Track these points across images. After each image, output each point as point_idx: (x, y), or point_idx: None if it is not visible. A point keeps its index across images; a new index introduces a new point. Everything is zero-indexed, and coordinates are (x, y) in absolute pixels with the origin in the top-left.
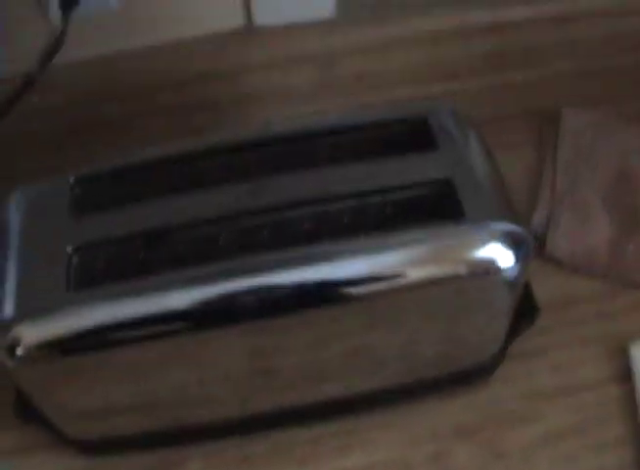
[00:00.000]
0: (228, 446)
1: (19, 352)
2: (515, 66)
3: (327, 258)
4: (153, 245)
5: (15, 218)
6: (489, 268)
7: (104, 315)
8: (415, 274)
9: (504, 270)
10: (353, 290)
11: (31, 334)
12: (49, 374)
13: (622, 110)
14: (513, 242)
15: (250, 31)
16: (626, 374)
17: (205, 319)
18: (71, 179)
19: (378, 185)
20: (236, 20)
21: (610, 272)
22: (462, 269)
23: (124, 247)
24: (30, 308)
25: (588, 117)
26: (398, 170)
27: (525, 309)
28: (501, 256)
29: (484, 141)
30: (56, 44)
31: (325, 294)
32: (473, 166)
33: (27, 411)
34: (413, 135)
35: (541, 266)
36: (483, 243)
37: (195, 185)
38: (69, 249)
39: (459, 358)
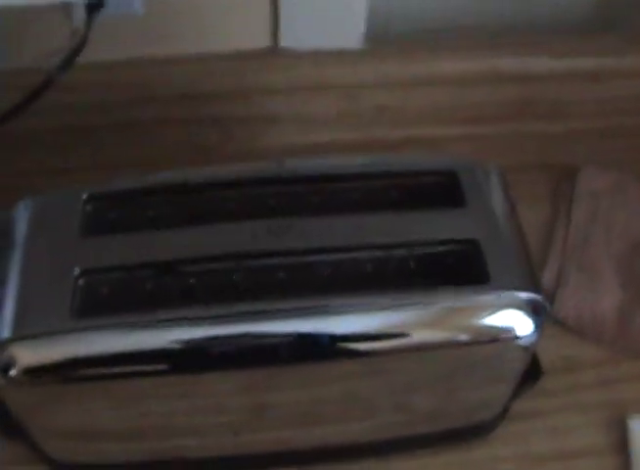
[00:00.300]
0: None
1: (12, 372)
2: (539, 117)
3: (341, 311)
4: (162, 277)
5: (20, 230)
6: (507, 336)
7: (104, 346)
8: (431, 335)
9: (521, 338)
10: (364, 347)
11: (27, 356)
12: (39, 397)
13: None
14: (533, 310)
15: (274, 53)
16: (623, 445)
17: (203, 360)
18: (84, 196)
19: (402, 239)
20: (262, 40)
21: (617, 341)
22: (480, 335)
23: (133, 275)
24: (29, 329)
25: (607, 178)
26: (424, 225)
27: (528, 371)
28: (520, 324)
29: (513, 202)
30: (79, 46)
31: (334, 349)
32: (500, 228)
33: (10, 426)
34: (442, 189)
35: (547, 326)
36: (505, 311)
37: (212, 217)
38: (77, 271)
39: (459, 416)
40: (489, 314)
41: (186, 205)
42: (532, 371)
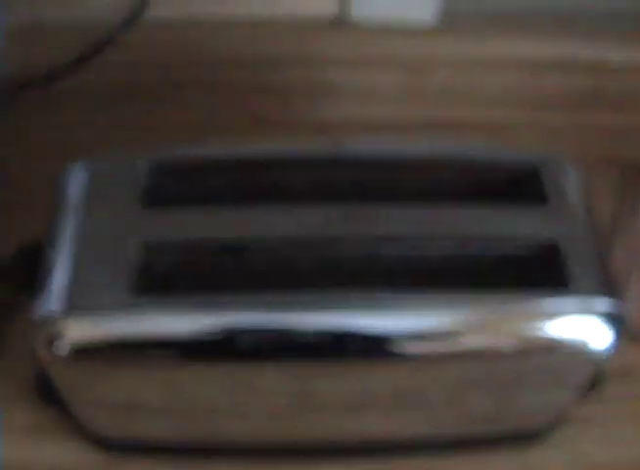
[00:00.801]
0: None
1: (57, 348)
2: (610, 109)
3: (405, 307)
4: (226, 256)
5: (74, 196)
6: (581, 347)
7: (159, 327)
8: (497, 340)
9: (595, 350)
10: (422, 347)
11: (75, 332)
12: (84, 374)
13: None
14: (611, 322)
15: (342, 23)
16: None
17: (259, 349)
18: (146, 162)
19: (475, 233)
20: (330, 8)
21: None
22: (551, 344)
23: (195, 253)
24: (80, 304)
25: None
26: (500, 220)
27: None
28: (597, 336)
29: (591, 205)
30: (143, 3)
31: (393, 347)
32: (580, 230)
33: (48, 393)
34: (522, 184)
35: None
36: (584, 321)
37: (281, 196)
38: (136, 243)
39: (513, 420)
40: (564, 322)
41: (251, 182)
42: (596, 377)
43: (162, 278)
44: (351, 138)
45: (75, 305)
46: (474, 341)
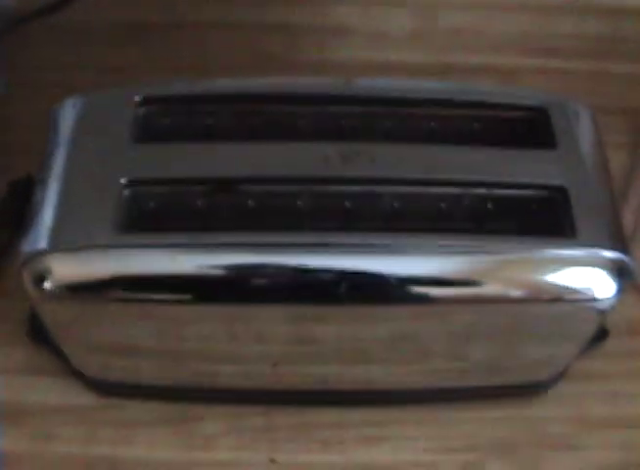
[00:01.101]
0: (253, 413)
1: (46, 285)
2: (626, 57)
3: (406, 251)
4: (217, 195)
5: (66, 129)
6: (585, 296)
7: (147, 266)
8: (502, 288)
9: (600, 300)
10: (424, 291)
11: (63, 269)
12: (73, 312)
13: None
14: (618, 272)
15: None
16: None
17: (251, 291)
18: (138, 98)
19: (482, 177)
20: None
21: None
22: (556, 292)
23: (184, 190)
24: (68, 241)
25: None
26: (508, 164)
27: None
28: (601, 285)
29: (604, 150)
30: None
31: (393, 291)
32: (590, 177)
33: (41, 334)
34: (530, 126)
35: None
36: (588, 269)
37: (277, 133)
38: (124, 180)
39: (515, 372)
40: (570, 271)
41: (250, 117)
42: (597, 331)
43: (151, 215)
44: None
45: (61, 242)
46: (477, 287)
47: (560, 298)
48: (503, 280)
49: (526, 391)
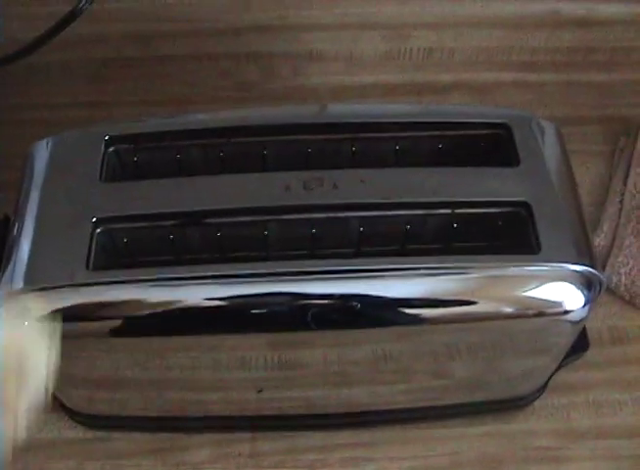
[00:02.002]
0: (239, 440)
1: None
2: (599, 66)
3: (373, 275)
4: (186, 228)
5: (39, 170)
6: (555, 310)
7: (121, 300)
8: (471, 306)
9: (570, 312)
10: (396, 314)
11: (40, 308)
12: None
13: None
14: (586, 284)
15: None
16: None
17: (227, 321)
18: (108, 137)
19: (445, 197)
20: None
21: None
22: (526, 308)
23: (155, 226)
24: (43, 280)
25: None
26: (471, 183)
27: (575, 341)
28: (570, 298)
29: (569, 162)
30: None
31: (363, 314)
32: (555, 191)
33: None
34: (493, 144)
35: None
36: (555, 283)
37: (244, 164)
38: (95, 218)
39: (497, 387)
40: (538, 286)
41: (217, 150)
42: (579, 342)
43: (123, 251)
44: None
45: (38, 281)
46: (445, 308)
47: (530, 313)
48: (473, 299)
49: (510, 405)
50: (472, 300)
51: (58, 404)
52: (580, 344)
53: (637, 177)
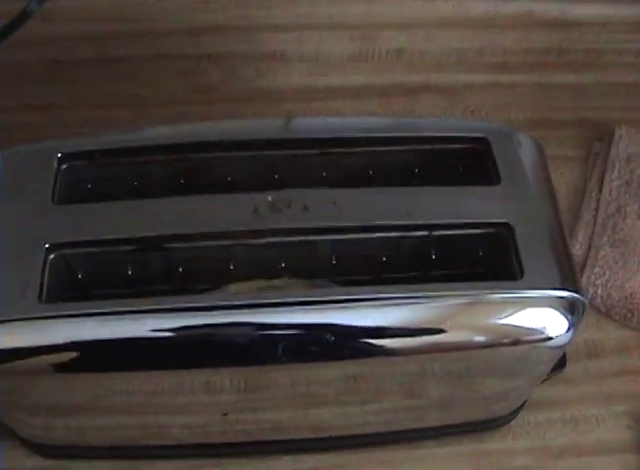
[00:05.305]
0: (205, 466)
1: None
2: (572, 68)
3: (348, 304)
4: (145, 255)
5: None
6: (539, 336)
7: (75, 335)
8: (452, 335)
9: (554, 338)
10: (372, 342)
11: None
12: (4, 382)
13: None
14: (569, 309)
15: None
16: None
17: (188, 354)
18: (60, 154)
19: (422, 219)
20: None
21: None
22: (508, 335)
23: (111, 253)
24: None
25: None
26: (449, 203)
27: None
28: (554, 323)
29: (550, 181)
30: None
31: (341, 345)
32: (536, 211)
33: None
34: (471, 161)
35: None
36: (538, 310)
37: (207, 184)
38: (47, 245)
39: (476, 408)
40: (520, 313)
41: (178, 168)
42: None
43: (77, 280)
44: (299, 108)
45: None
46: (428, 336)
47: (513, 340)
48: (455, 327)
49: (488, 425)
50: (450, 329)
51: (14, 434)
52: (558, 362)
53: (612, 183)
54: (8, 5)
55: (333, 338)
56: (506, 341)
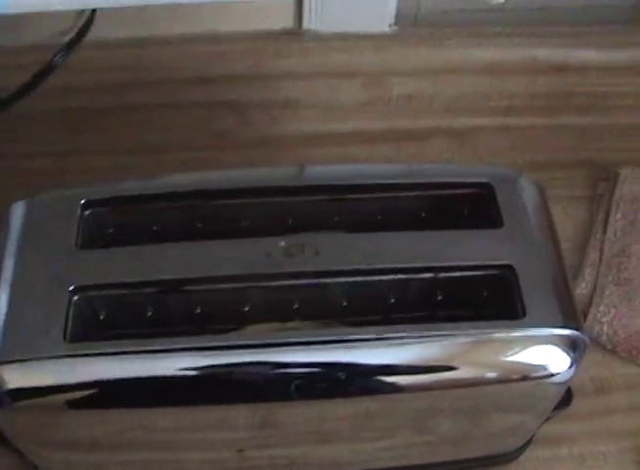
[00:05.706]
0: None
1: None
2: (577, 111)
3: (358, 343)
4: (166, 297)
5: (13, 237)
6: (541, 374)
7: (99, 374)
8: (457, 373)
9: (556, 375)
10: (381, 382)
11: (15, 380)
12: (28, 419)
13: None
14: (571, 346)
15: (297, 35)
16: None
17: (208, 392)
18: (84, 201)
19: (428, 261)
20: (284, 21)
21: None
22: (511, 373)
23: (133, 294)
24: (19, 352)
25: None
26: (454, 247)
27: None
28: (556, 361)
29: (553, 224)
30: (85, 24)
31: (348, 384)
32: (539, 253)
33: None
34: (477, 205)
35: None
36: (541, 348)
37: (224, 229)
38: (72, 287)
39: (481, 445)
40: (523, 351)
41: (196, 214)
42: (562, 396)
43: (100, 321)
44: (311, 154)
45: (13, 353)
46: (433, 374)
47: (518, 377)
48: (463, 364)
49: (496, 460)
50: (456, 366)
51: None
52: (563, 398)
53: (616, 224)
54: (31, 57)
55: (344, 375)
56: (511, 377)
